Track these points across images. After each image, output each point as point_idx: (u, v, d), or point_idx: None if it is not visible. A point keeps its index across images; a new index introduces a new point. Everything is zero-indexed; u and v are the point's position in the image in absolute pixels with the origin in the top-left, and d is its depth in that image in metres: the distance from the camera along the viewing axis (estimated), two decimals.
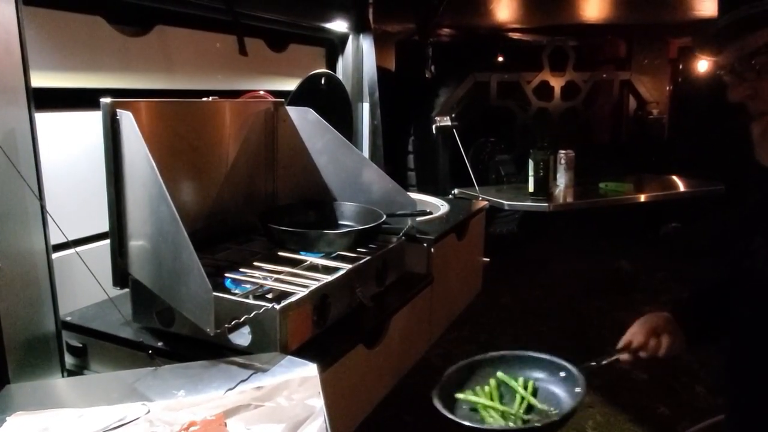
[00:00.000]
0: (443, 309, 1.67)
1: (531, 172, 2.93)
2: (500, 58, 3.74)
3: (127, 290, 1.09)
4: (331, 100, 1.85)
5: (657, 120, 3.90)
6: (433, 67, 3.09)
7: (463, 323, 2.01)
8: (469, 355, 1.19)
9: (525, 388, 1.11)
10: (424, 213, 1.48)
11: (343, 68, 2.18)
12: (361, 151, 2.13)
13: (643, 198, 3.14)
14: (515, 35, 3.57)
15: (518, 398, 1.09)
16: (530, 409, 1.08)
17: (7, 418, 0.78)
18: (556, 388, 1.12)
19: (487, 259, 2.09)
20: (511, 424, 1.04)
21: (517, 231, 3.59)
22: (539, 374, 1.15)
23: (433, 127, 3.24)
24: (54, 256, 1.07)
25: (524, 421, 1.04)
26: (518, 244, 3.60)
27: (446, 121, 3.20)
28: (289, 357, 0.94)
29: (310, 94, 1.73)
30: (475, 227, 1.92)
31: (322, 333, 1.08)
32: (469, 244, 1.89)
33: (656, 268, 3.55)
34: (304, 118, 1.48)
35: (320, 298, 1.07)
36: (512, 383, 1.11)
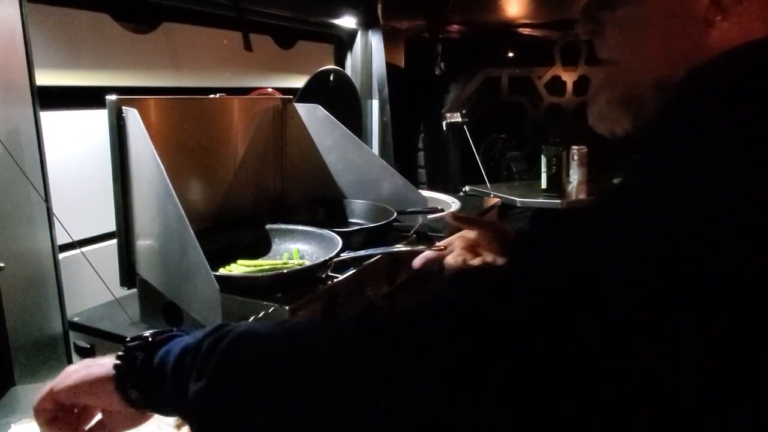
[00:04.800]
0: None
1: (543, 169, 2.89)
2: (511, 54, 3.70)
3: (134, 290, 1.08)
4: (340, 97, 1.83)
5: None
6: (442, 63, 3.06)
7: None
8: None
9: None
10: (435, 210, 1.45)
11: (352, 65, 2.16)
12: (371, 148, 2.11)
13: None
14: (526, 30, 3.53)
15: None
16: None
17: (12, 425, 0.77)
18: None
19: None
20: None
21: (529, 228, 3.54)
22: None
23: (443, 123, 3.21)
24: (61, 256, 1.06)
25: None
26: None
27: (456, 118, 3.17)
28: None
29: (319, 90, 1.71)
30: None
31: None
32: None
33: None
34: (313, 115, 1.46)
35: (330, 297, 1.05)
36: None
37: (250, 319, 0.92)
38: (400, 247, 1.25)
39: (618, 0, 0.57)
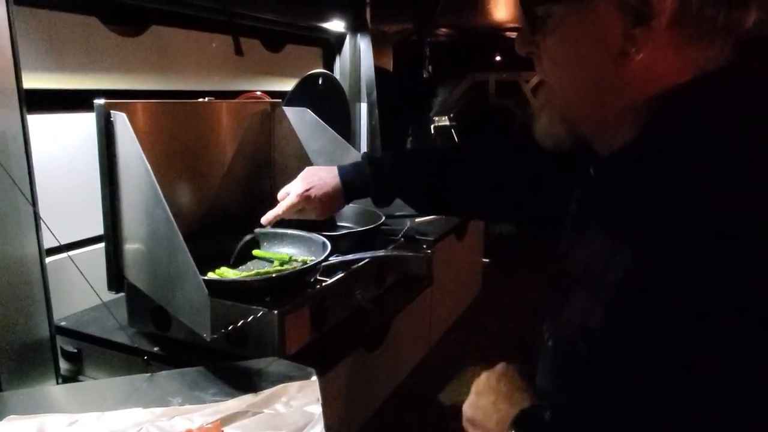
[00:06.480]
0: (443, 310, 1.66)
1: None
2: (498, 58, 3.73)
3: (122, 294, 1.07)
4: (328, 101, 1.84)
5: None
6: (430, 67, 3.09)
7: (463, 324, 2.01)
8: (470, 356, 1.19)
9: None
10: (423, 214, 1.47)
11: (340, 68, 2.17)
12: (359, 152, 2.11)
13: None
14: (513, 34, 3.56)
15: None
16: None
17: (0, 422, 0.77)
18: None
19: (487, 260, 2.08)
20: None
21: (517, 231, 3.58)
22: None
23: (432, 127, 3.23)
24: (48, 260, 1.05)
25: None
26: (518, 244, 3.59)
27: (444, 121, 3.19)
28: (287, 362, 0.92)
29: (308, 94, 1.71)
30: (474, 228, 1.91)
31: (321, 337, 1.06)
32: (469, 244, 1.88)
33: None
34: (301, 119, 1.47)
35: (319, 301, 1.05)
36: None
37: (239, 324, 0.93)
38: (388, 252, 1.26)
39: (546, 29, 0.59)
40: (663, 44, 0.52)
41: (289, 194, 1.14)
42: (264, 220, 1.17)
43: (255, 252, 1.23)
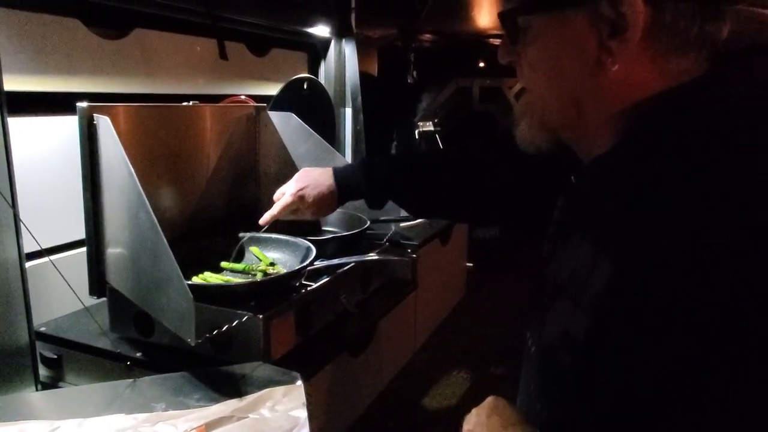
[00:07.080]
0: (427, 314, 1.67)
1: None
2: (482, 64, 3.77)
3: (104, 299, 1.06)
4: (313, 105, 1.84)
5: None
6: (415, 73, 3.11)
7: (447, 328, 2.02)
8: (454, 360, 1.19)
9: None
10: (408, 218, 1.47)
11: (325, 73, 2.17)
12: (344, 156, 2.12)
13: None
14: (497, 41, 3.60)
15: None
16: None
17: None
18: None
19: (471, 264, 2.10)
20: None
21: (500, 236, 3.61)
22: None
23: (416, 132, 3.25)
24: (28, 264, 1.03)
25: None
26: (501, 248, 3.62)
27: (429, 126, 3.21)
28: (272, 366, 0.92)
29: (293, 99, 1.71)
30: (458, 232, 1.92)
31: (306, 341, 1.06)
32: (453, 249, 1.89)
33: None
34: (286, 123, 1.47)
35: (304, 305, 1.05)
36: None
37: (224, 328, 0.92)
38: (373, 256, 1.26)
39: (526, 39, 0.61)
40: (638, 55, 0.53)
41: (284, 194, 1.14)
42: (262, 221, 1.17)
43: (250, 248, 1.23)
